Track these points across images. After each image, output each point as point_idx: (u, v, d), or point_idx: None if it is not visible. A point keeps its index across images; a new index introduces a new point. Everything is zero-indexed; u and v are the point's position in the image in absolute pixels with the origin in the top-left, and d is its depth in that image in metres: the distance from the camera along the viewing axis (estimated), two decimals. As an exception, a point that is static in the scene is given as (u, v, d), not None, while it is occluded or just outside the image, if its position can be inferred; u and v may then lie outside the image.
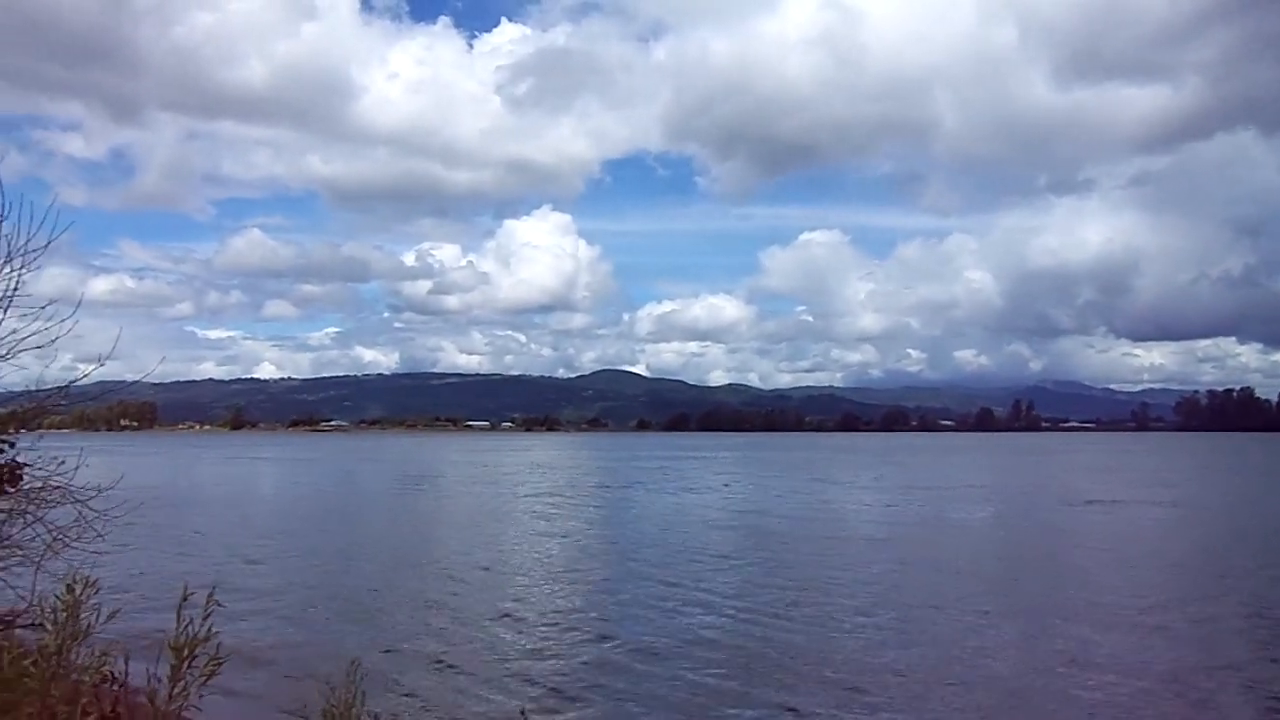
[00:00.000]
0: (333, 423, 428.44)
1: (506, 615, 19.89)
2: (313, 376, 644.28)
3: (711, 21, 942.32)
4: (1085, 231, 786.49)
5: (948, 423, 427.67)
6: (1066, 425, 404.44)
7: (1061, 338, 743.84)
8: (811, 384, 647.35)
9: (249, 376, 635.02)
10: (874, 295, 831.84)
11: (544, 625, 19.02)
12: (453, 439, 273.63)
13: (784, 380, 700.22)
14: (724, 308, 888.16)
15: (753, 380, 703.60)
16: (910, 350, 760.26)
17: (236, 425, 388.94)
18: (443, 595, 22.23)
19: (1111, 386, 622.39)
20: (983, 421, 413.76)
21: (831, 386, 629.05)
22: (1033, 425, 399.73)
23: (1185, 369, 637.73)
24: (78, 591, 7.34)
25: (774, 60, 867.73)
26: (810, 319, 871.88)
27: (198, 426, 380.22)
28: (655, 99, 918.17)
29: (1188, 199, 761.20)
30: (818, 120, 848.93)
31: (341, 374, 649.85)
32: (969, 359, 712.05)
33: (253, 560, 27.76)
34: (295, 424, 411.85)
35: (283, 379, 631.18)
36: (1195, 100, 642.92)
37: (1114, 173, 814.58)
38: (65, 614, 7.24)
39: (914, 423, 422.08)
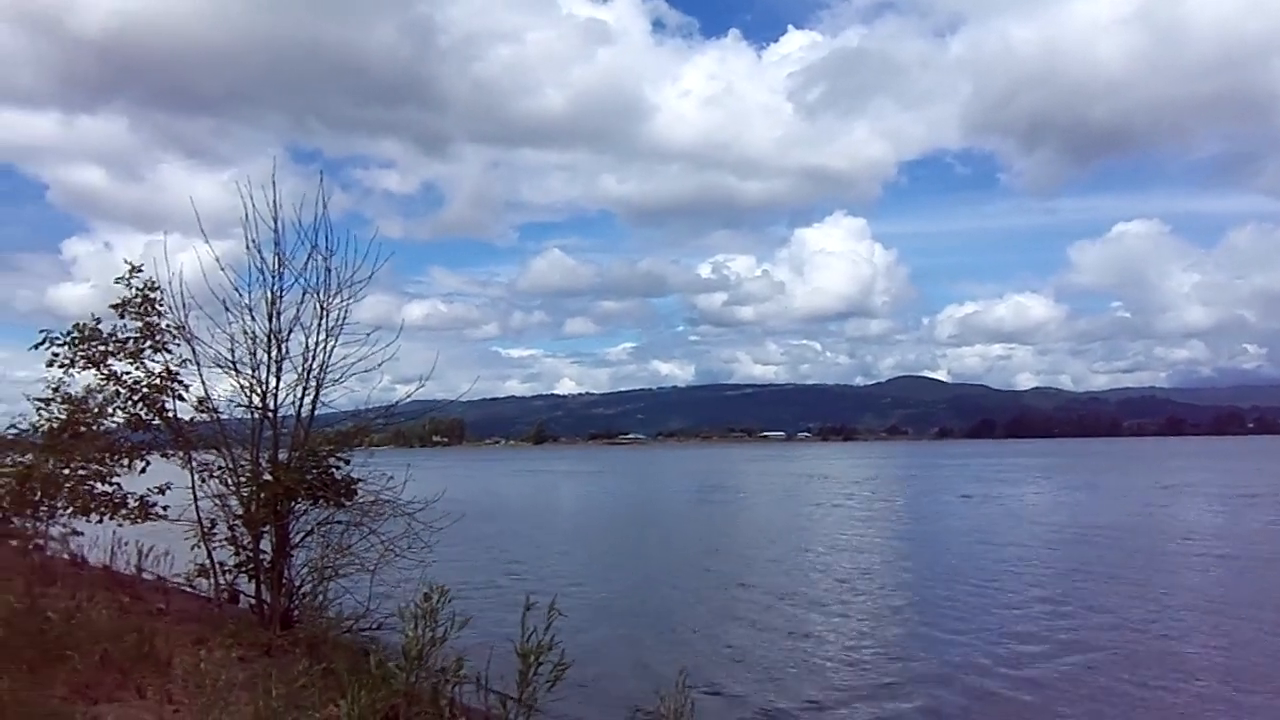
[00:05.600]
0: (630, 436, 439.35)
1: (821, 631, 19.37)
2: (611, 391, 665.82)
3: (1013, 9, 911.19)
4: None
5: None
6: None
7: None
8: (1130, 385, 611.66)
9: (550, 393, 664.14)
10: (1201, 287, 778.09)
11: (860, 642, 18.39)
12: (749, 449, 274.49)
13: (1099, 382, 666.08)
14: (1030, 307, 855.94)
15: (1064, 383, 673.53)
16: (1246, 345, 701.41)
17: (539, 440, 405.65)
18: (754, 606, 21.94)
19: None
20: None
21: (1153, 387, 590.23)
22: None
23: None
24: (434, 600, 7.50)
25: (1084, 43, 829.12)
26: (1127, 315, 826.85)
27: (503, 442, 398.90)
28: (954, 95, 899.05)
29: None
30: (1133, 104, 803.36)
31: (639, 387, 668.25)
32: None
33: (568, 568, 28.49)
34: (594, 438, 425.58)
35: (582, 394, 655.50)
36: None
37: None
38: (424, 620, 7.44)
39: (1250, 425, 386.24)
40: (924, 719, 13.52)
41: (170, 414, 15.54)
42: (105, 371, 15.31)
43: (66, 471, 14.95)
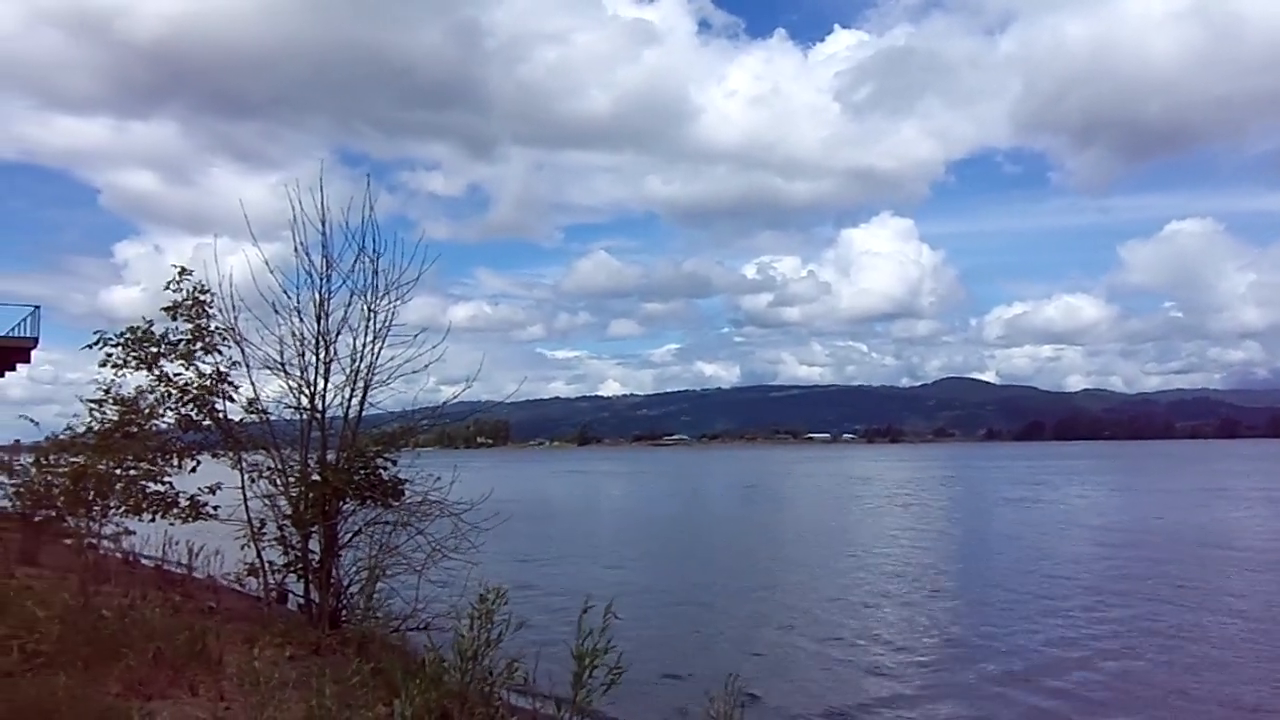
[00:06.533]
0: (675, 437, 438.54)
1: (868, 635, 19.15)
2: (655, 392, 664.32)
3: (1065, 6, 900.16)
4: None
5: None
6: None
7: None
8: (1183, 386, 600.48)
9: (594, 394, 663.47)
10: (1257, 287, 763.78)
11: (904, 648, 18.19)
12: (793, 451, 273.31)
13: (1151, 383, 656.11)
14: (1081, 307, 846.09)
15: (1115, 384, 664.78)
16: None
17: (583, 441, 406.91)
18: (801, 609, 21.83)
19: None
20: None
21: (1206, 389, 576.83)
22: None
23: None
24: (490, 601, 7.50)
25: (1137, 39, 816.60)
26: (1180, 315, 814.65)
27: (547, 443, 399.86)
28: (1004, 93, 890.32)
29: None
30: (1188, 100, 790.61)
31: (683, 389, 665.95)
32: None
33: (613, 569, 28.48)
34: (639, 439, 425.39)
35: (626, 395, 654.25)
36: None
37: None
38: (479, 621, 7.44)
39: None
40: None
41: (220, 415, 15.69)
42: (157, 373, 15.49)
43: (119, 471, 15.13)
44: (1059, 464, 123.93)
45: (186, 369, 15.56)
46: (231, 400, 15.66)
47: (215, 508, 15.68)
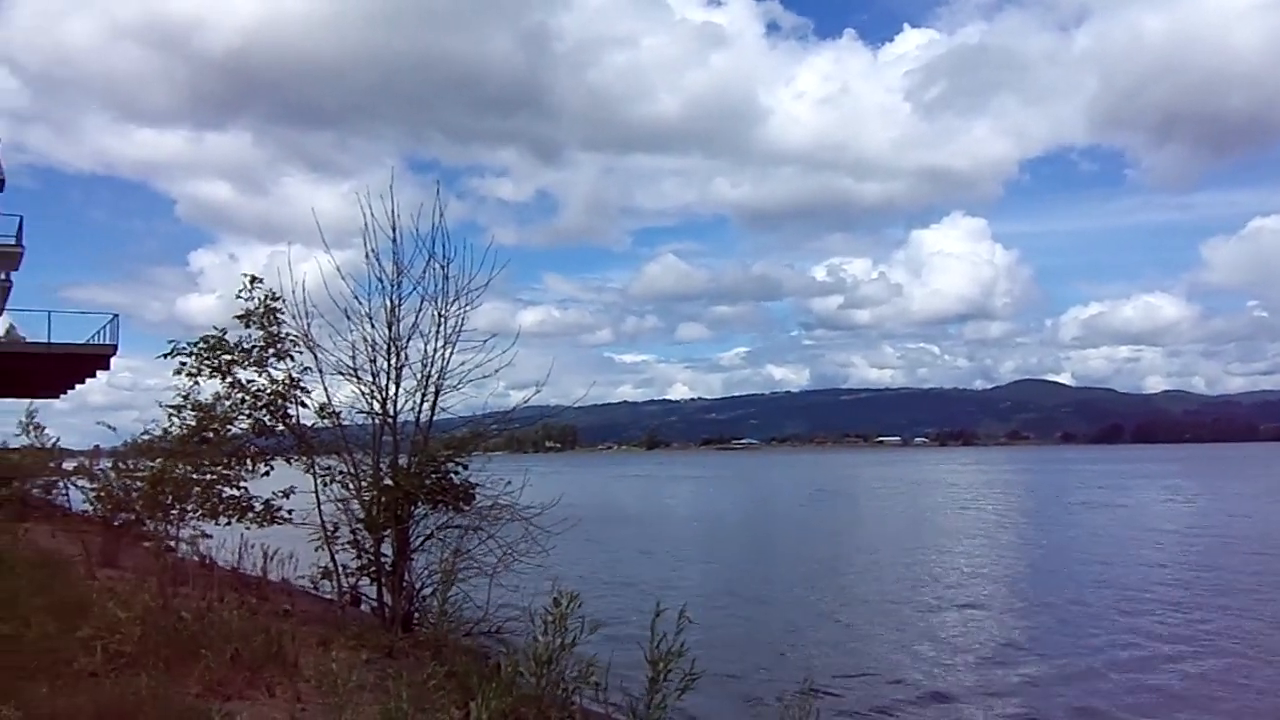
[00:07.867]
0: (744, 441, 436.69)
1: (940, 639, 18.90)
2: (723, 396, 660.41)
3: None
4: None
5: None
6: None
7: None
8: (1270, 387, 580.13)
9: (662, 398, 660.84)
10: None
11: (978, 652, 17.93)
12: (864, 455, 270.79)
13: (1234, 385, 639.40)
14: (1160, 307, 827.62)
15: (1196, 385, 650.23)
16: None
17: (651, 445, 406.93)
18: (874, 613, 21.64)
19: None
20: None
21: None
22: None
23: None
24: (564, 605, 7.50)
25: (1219, 32, 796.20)
26: (1265, 315, 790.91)
27: (615, 447, 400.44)
28: (1079, 90, 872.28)
29: None
30: (1273, 93, 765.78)
31: (752, 392, 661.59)
32: None
33: (683, 571, 28.42)
34: (707, 443, 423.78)
35: (694, 399, 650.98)
36: None
37: None
38: (554, 625, 7.44)
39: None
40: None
41: (293, 420, 15.89)
42: (230, 380, 15.72)
43: (196, 476, 15.37)
44: (1137, 467, 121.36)
45: (259, 375, 15.79)
46: (304, 405, 15.87)
47: (289, 512, 15.88)
